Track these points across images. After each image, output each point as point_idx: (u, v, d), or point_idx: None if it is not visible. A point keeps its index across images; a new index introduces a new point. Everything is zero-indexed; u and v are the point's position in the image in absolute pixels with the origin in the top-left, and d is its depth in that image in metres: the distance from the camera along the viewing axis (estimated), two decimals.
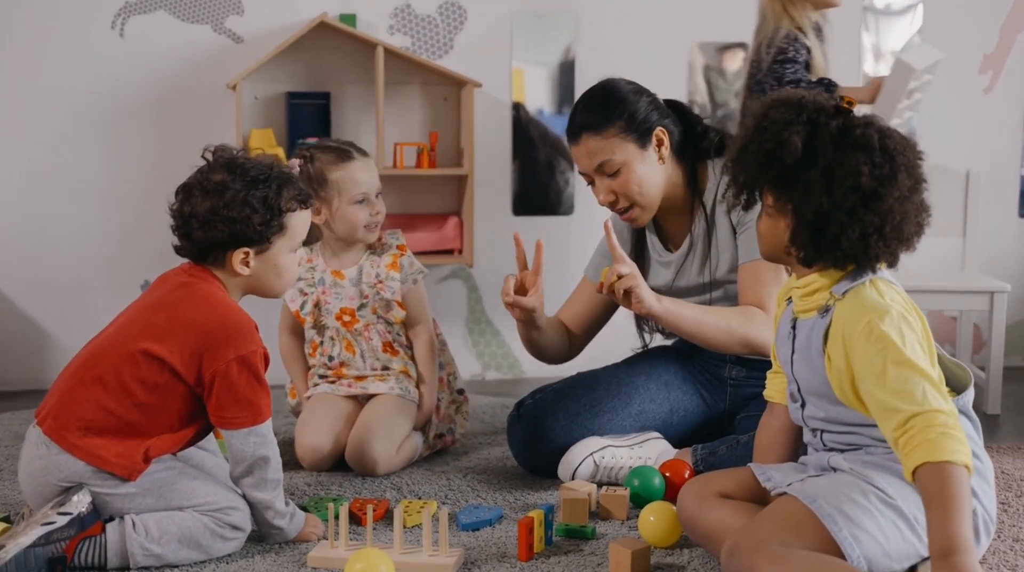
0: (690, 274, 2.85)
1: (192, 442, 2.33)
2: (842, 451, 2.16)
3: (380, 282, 3.01)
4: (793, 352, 2.19)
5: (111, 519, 2.22)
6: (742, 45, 4.22)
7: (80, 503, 2.17)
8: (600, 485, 2.74)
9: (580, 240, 4.15)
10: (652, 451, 2.80)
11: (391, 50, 3.86)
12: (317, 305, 3.04)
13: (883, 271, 2.10)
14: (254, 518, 2.32)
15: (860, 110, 2.18)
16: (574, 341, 2.97)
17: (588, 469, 2.75)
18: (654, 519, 2.37)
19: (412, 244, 3.94)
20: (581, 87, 4.14)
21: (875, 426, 2.06)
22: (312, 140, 3.04)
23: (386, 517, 2.54)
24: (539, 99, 4.18)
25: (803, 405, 2.20)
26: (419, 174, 3.97)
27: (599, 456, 2.76)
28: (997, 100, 4.37)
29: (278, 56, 3.85)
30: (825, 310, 2.09)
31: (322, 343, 3.05)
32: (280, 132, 3.96)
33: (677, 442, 2.89)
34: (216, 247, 2.28)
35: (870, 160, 2.02)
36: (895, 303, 2.03)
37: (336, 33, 3.92)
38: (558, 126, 4.20)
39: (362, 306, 3.01)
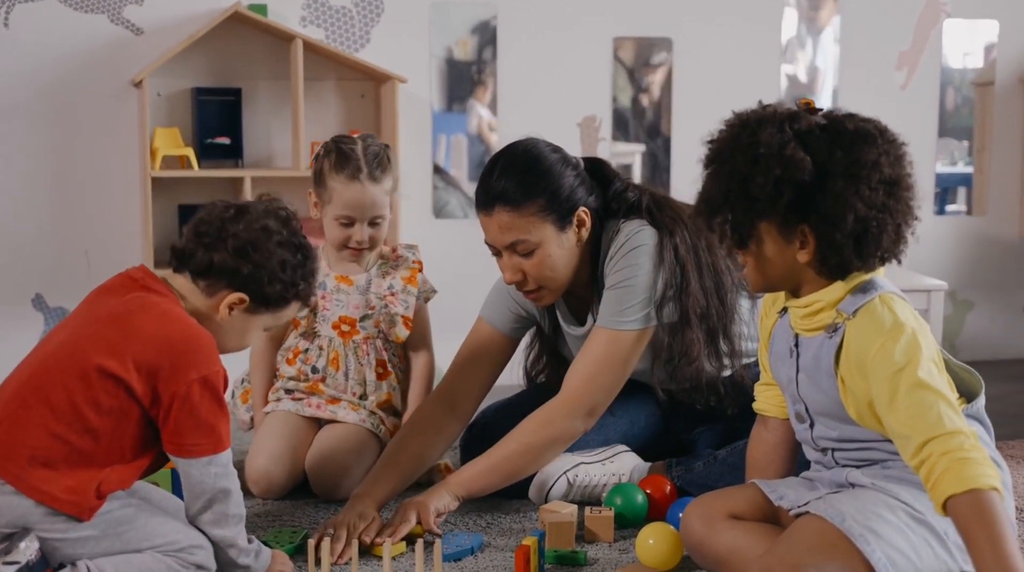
0: None
1: (145, 475, 2.10)
2: (857, 467, 2.05)
3: (392, 294, 2.79)
4: (798, 372, 2.06)
5: (62, 566, 1.98)
6: (666, 40, 4.12)
7: (28, 550, 1.92)
8: (579, 505, 2.56)
9: None
10: (624, 466, 2.65)
11: (308, 43, 3.64)
12: (313, 310, 2.79)
13: (887, 283, 2.00)
14: (216, 558, 2.09)
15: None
16: (462, 404, 2.62)
17: (562, 488, 2.59)
18: (653, 542, 2.22)
19: None
20: (505, 81, 4.01)
21: (891, 441, 1.96)
22: (354, 134, 2.83)
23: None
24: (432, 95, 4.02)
25: (812, 425, 2.08)
26: None
27: (572, 474, 2.60)
28: (912, 96, 4.37)
29: (183, 49, 3.59)
30: (834, 329, 1.98)
31: (306, 351, 2.80)
32: (187, 131, 3.71)
33: (639, 454, 2.72)
34: (226, 278, 2.09)
35: (881, 149, 1.93)
36: (908, 320, 1.92)
37: (247, 25, 3.69)
38: (448, 124, 4.01)
39: (365, 317, 2.79)
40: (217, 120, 3.69)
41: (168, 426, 2.01)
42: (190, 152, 3.57)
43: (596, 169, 2.57)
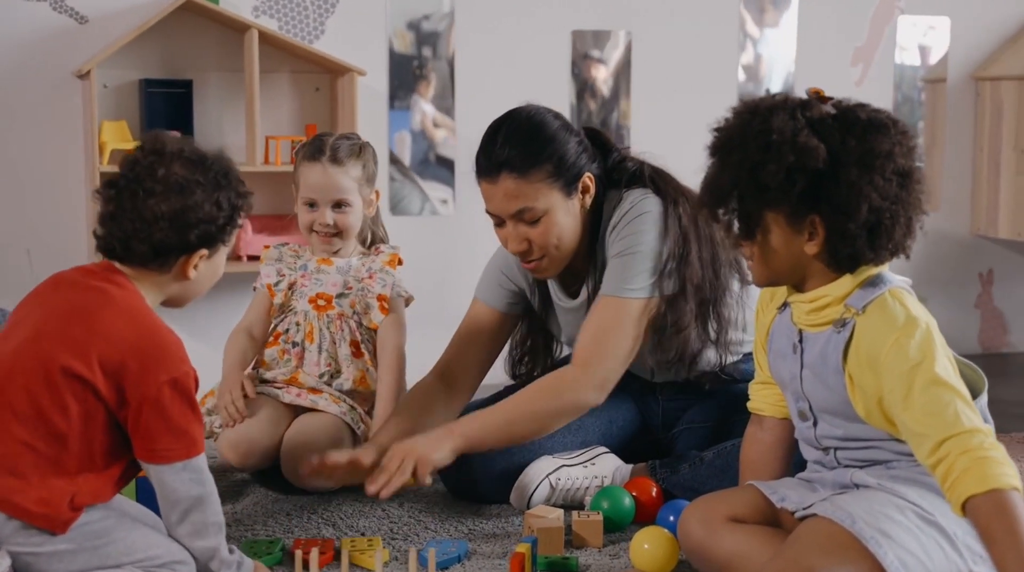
0: None
1: (119, 484, 1.98)
2: (860, 467, 2.00)
3: (370, 277, 2.76)
4: (802, 368, 2.01)
5: None
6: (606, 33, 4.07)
7: None
8: (566, 509, 2.49)
9: (462, 241, 3.94)
10: (606, 468, 2.59)
11: (264, 33, 3.51)
12: (291, 287, 2.78)
13: (896, 277, 1.96)
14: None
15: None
16: (460, 380, 2.59)
17: (544, 492, 2.51)
18: (648, 546, 2.16)
19: None
20: (462, 72, 3.92)
21: (897, 440, 1.92)
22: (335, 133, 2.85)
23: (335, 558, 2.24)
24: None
25: (815, 423, 2.03)
26: None
27: (554, 478, 2.52)
28: (868, 92, 4.32)
29: (131, 39, 3.44)
30: (842, 324, 1.93)
31: (287, 330, 2.77)
32: (135, 124, 3.55)
33: (618, 455, 2.65)
34: (179, 251, 1.98)
35: (894, 139, 1.89)
36: (921, 316, 1.89)
37: (198, 14, 3.55)
38: (392, 120, 3.92)
39: (342, 295, 2.75)
40: (167, 113, 3.53)
41: (139, 431, 1.91)
42: None
43: (594, 138, 2.52)
